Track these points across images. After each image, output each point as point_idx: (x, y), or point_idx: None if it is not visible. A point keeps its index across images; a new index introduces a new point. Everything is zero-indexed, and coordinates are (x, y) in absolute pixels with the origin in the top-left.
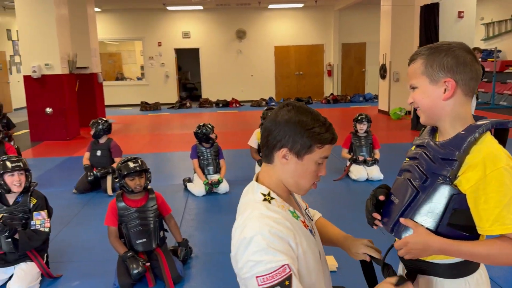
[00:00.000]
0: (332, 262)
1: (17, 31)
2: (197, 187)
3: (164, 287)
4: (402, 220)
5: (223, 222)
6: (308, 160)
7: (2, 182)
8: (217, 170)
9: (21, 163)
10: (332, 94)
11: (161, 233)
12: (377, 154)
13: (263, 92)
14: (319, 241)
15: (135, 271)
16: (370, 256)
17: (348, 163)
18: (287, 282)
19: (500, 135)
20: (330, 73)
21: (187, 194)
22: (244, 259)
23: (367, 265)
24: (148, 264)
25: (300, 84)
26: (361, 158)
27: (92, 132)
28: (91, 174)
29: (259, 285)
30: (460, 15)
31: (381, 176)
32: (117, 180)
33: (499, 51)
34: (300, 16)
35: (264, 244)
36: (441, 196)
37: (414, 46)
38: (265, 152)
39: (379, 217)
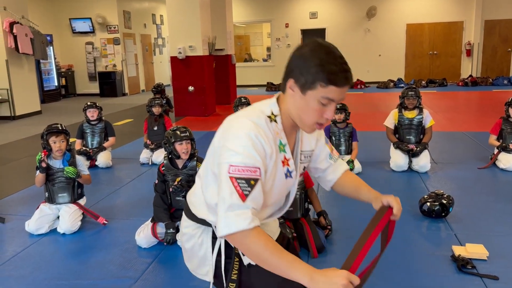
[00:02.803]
0: (482, 251)
1: (160, 15)
2: None
3: (309, 254)
4: None
5: (357, 200)
6: (310, 97)
7: (173, 149)
8: (348, 151)
9: (188, 133)
10: (470, 76)
11: (306, 204)
12: None
13: (391, 72)
14: (293, 184)
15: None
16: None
17: (496, 150)
18: (252, 182)
19: None
20: (469, 53)
21: None
22: (227, 147)
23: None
24: (295, 234)
25: (434, 65)
26: None
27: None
28: None
29: (228, 173)
30: None
31: None
32: None
33: None
34: None
35: (250, 143)
36: None
37: None
38: (282, 80)
39: None
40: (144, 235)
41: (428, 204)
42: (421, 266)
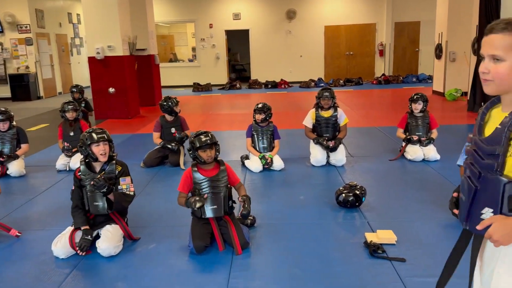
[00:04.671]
0: (391, 236)
1: (77, 14)
2: (254, 164)
3: (233, 252)
4: (478, 227)
5: (281, 195)
6: None
7: (90, 151)
8: (270, 149)
9: (105, 135)
10: (383, 74)
11: (230, 202)
12: (434, 134)
13: (312, 73)
14: None
15: (198, 204)
16: None
17: (404, 143)
18: None
19: None
20: (381, 53)
21: (245, 170)
22: None
23: None
24: (206, 195)
25: (350, 65)
26: (415, 138)
27: (179, 109)
28: (172, 145)
29: None
30: None
31: (437, 157)
32: (190, 152)
33: None
34: None
35: None
36: (495, 187)
37: (473, 24)
38: None
39: (457, 212)
40: (61, 245)
41: (343, 195)
42: (337, 254)
